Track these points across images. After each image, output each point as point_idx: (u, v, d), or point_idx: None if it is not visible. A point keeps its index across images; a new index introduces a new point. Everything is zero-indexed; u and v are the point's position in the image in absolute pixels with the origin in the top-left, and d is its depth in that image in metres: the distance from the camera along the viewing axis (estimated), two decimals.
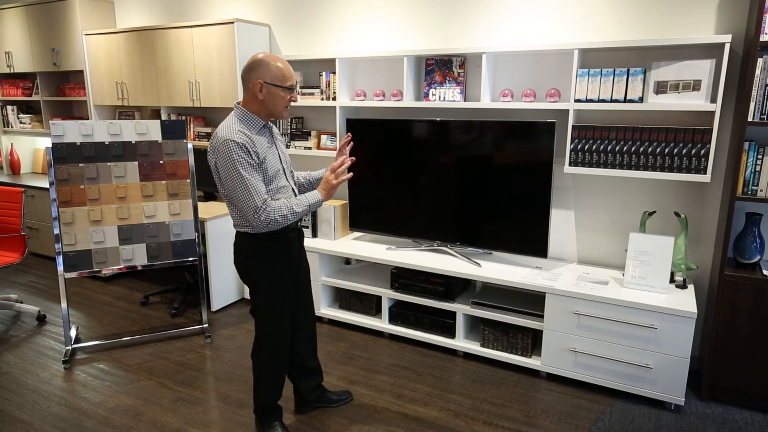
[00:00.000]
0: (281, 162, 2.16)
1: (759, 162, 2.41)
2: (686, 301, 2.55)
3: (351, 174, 2.18)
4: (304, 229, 3.61)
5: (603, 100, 2.73)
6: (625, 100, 2.69)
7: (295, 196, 2.23)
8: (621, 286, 2.75)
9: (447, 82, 3.20)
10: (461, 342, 3.10)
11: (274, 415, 2.36)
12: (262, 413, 2.34)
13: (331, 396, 2.62)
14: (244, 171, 1.96)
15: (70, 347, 3.10)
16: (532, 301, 3.02)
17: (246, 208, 1.99)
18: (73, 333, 3.31)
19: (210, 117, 4.37)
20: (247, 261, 2.18)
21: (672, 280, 2.84)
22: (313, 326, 2.49)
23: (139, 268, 3.19)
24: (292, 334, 2.39)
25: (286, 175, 2.19)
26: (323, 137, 3.69)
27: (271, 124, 2.18)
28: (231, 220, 3.74)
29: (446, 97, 3.19)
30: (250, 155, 1.98)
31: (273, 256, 2.16)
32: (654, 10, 2.75)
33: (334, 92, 3.52)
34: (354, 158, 2.20)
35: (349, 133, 2.34)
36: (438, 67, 3.22)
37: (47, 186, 4.39)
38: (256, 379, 2.31)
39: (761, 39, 2.28)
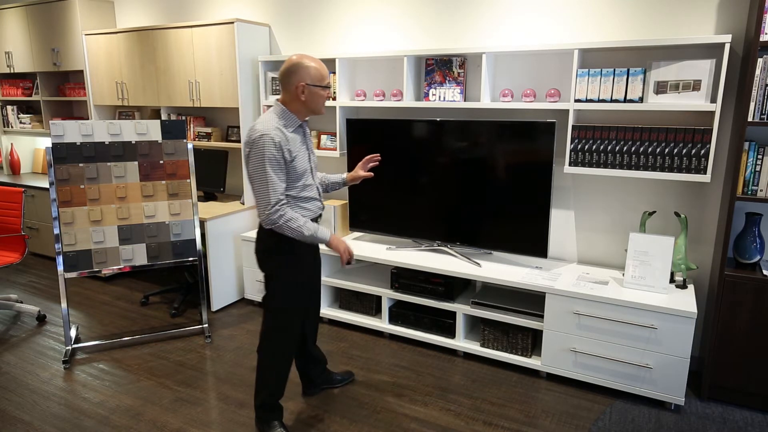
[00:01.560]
0: (310, 161, 2.24)
1: (759, 162, 2.41)
2: (686, 301, 2.55)
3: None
4: None
5: (603, 100, 2.73)
6: (625, 100, 2.69)
7: (320, 194, 2.32)
8: (621, 286, 2.75)
9: (447, 82, 3.20)
10: (461, 342, 3.10)
11: (275, 413, 2.37)
12: (263, 411, 2.35)
13: (335, 377, 2.75)
14: (270, 167, 2.05)
15: (70, 347, 3.10)
16: (532, 301, 3.02)
17: (261, 201, 2.08)
18: (73, 333, 3.31)
19: (210, 117, 4.37)
20: (268, 254, 2.23)
21: (672, 280, 2.84)
22: (318, 316, 2.61)
23: (131, 269, 3.19)
24: (302, 327, 2.45)
25: (312, 174, 2.27)
26: (323, 137, 3.69)
27: (305, 124, 2.25)
28: (234, 219, 3.77)
29: (446, 97, 3.20)
30: (282, 152, 2.07)
31: (295, 252, 2.22)
32: (654, 10, 2.75)
33: (334, 92, 3.52)
34: (371, 174, 2.46)
35: (378, 156, 2.53)
36: (438, 67, 3.22)
37: (47, 186, 4.39)
38: (259, 374, 2.32)
39: (761, 39, 2.28)
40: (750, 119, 2.37)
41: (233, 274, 3.84)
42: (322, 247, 3.40)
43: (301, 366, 2.63)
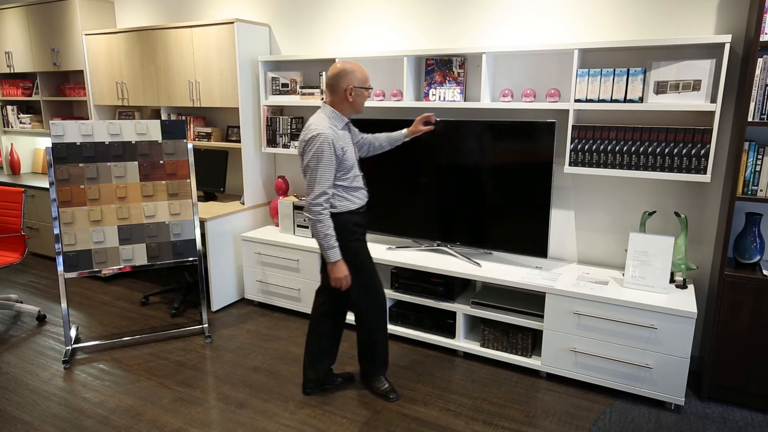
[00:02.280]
0: (355, 157, 2.51)
1: (759, 162, 2.41)
2: (686, 301, 2.55)
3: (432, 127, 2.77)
4: (303, 228, 3.63)
5: (603, 100, 2.73)
6: (625, 100, 2.69)
7: (364, 182, 2.58)
8: (621, 286, 2.75)
9: (447, 82, 3.20)
10: (461, 342, 3.10)
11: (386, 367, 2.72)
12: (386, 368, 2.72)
13: (336, 378, 2.79)
14: (321, 164, 2.32)
15: (70, 347, 3.10)
16: (532, 301, 3.02)
17: (309, 190, 2.36)
18: (73, 333, 3.31)
19: (210, 117, 4.37)
20: (337, 236, 2.45)
21: (672, 280, 2.84)
22: (344, 316, 2.75)
23: (131, 269, 3.19)
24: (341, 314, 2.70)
25: (358, 166, 2.52)
26: None
27: (350, 123, 2.52)
28: (234, 219, 3.77)
29: (446, 97, 3.20)
30: (334, 149, 2.33)
31: (359, 229, 2.51)
32: (654, 10, 2.75)
33: None
34: (432, 127, 2.80)
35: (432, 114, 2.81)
36: (438, 67, 3.22)
37: (47, 186, 4.39)
38: (380, 340, 2.64)
39: (761, 39, 2.28)
40: (750, 119, 2.37)
41: (233, 274, 3.84)
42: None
43: (319, 354, 2.70)
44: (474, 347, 3.05)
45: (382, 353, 2.69)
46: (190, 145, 3.26)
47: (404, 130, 2.78)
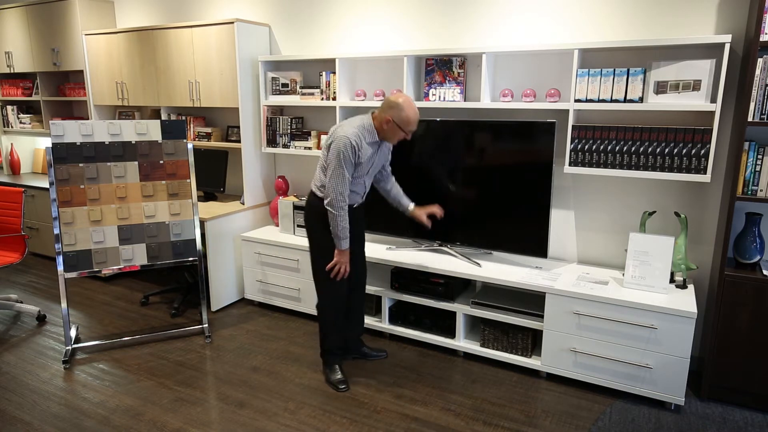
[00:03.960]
0: (370, 167, 2.68)
1: (759, 162, 2.41)
2: (686, 301, 2.55)
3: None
4: (303, 228, 3.63)
5: (603, 100, 2.73)
6: (625, 100, 2.69)
7: (364, 192, 2.75)
8: (621, 286, 2.75)
9: (447, 82, 3.20)
10: (461, 342, 3.10)
11: (336, 358, 2.84)
12: (326, 356, 2.84)
13: (365, 350, 3.05)
14: (343, 163, 2.50)
15: (70, 347, 3.10)
16: (532, 301, 3.02)
17: (330, 185, 2.54)
18: (73, 333, 3.31)
19: (210, 117, 4.37)
20: (314, 218, 2.68)
21: (672, 280, 2.84)
22: (361, 286, 2.95)
23: (138, 268, 3.19)
24: (347, 291, 2.83)
25: (366, 177, 2.69)
26: (323, 137, 3.69)
27: (383, 143, 2.69)
28: (234, 219, 3.77)
29: (446, 97, 3.20)
30: (354, 154, 2.52)
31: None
32: (654, 10, 2.75)
33: (334, 92, 3.52)
34: (429, 223, 2.90)
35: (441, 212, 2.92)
36: (438, 67, 3.22)
37: (47, 186, 4.39)
38: (319, 327, 2.83)
39: (761, 39, 2.28)
40: (750, 119, 2.37)
41: (233, 274, 3.84)
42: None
43: (341, 329, 2.86)
44: (474, 347, 3.05)
45: (321, 339, 2.85)
46: (190, 145, 3.26)
47: (411, 207, 2.89)
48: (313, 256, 2.73)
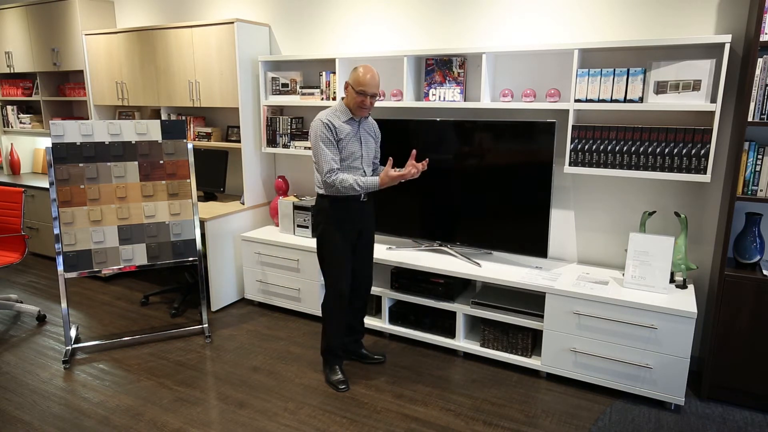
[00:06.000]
0: (361, 150, 2.66)
1: (759, 162, 2.41)
2: (686, 301, 2.55)
3: (417, 173, 2.56)
4: (303, 228, 3.63)
5: (603, 100, 2.73)
6: (625, 100, 2.69)
7: (364, 174, 2.68)
8: (621, 286, 2.75)
9: (447, 82, 3.20)
10: (461, 342, 3.10)
11: (336, 359, 2.82)
12: (327, 355, 2.83)
13: (364, 353, 3.03)
14: (323, 143, 2.54)
15: (70, 347, 3.10)
16: (532, 301, 3.02)
17: (320, 170, 2.56)
18: (73, 333, 3.31)
19: (210, 117, 4.37)
20: (317, 217, 2.72)
21: (672, 280, 2.84)
22: (362, 291, 2.91)
23: (137, 268, 3.19)
24: (351, 288, 2.83)
25: (363, 162, 2.67)
26: None
27: (365, 120, 2.69)
28: (234, 219, 3.77)
29: (446, 97, 3.20)
30: (330, 131, 2.54)
31: (335, 217, 2.65)
32: (654, 10, 2.75)
33: (334, 92, 3.52)
34: (417, 172, 2.56)
35: (425, 161, 2.62)
36: (438, 67, 3.22)
37: (47, 186, 4.39)
38: (322, 324, 2.81)
39: (761, 39, 2.28)
40: (750, 119, 2.37)
41: (233, 274, 3.84)
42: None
43: (343, 330, 2.85)
44: (474, 347, 3.05)
45: (323, 338, 2.84)
46: (190, 145, 3.26)
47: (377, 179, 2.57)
48: (319, 252, 2.75)
